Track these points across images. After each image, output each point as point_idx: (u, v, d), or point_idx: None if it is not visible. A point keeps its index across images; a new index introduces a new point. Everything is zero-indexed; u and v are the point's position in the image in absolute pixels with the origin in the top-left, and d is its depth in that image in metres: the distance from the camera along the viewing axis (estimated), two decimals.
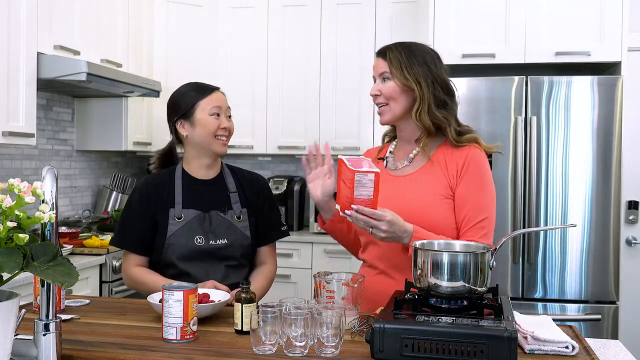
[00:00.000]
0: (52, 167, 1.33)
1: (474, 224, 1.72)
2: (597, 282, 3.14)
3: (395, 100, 1.79)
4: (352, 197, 1.56)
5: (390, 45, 1.85)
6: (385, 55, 1.82)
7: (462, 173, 1.75)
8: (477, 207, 1.73)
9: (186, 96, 2.03)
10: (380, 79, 1.82)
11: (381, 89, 1.81)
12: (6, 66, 2.78)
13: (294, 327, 1.34)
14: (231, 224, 2.02)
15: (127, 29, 3.74)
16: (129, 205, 2.05)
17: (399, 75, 1.77)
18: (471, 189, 1.74)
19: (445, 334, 1.26)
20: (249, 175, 2.16)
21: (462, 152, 1.77)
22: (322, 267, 3.80)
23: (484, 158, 1.78)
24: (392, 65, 1.79)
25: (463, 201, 1.74)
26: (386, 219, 1.59)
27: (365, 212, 1.58)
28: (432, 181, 1.77)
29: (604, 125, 3.12)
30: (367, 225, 1.60)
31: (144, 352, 1.39)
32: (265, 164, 4.62)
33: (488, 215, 1.74)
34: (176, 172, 2.06)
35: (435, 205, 1.74)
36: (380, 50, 1.87)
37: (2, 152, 3.25)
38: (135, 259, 2.02)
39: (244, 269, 2.07)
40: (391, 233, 1.61)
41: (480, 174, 1.75)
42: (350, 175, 1.55)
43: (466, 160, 1.75)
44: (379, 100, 1.82)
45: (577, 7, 3.23)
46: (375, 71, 1.84)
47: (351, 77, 4.08)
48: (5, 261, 1.13)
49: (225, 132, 2.02)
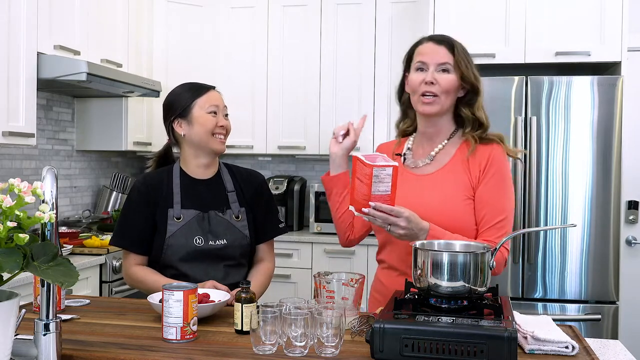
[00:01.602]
0: (52, 167, 1.33)
1: (493, 224, 1.71)
2: (597, 282, 3.14)
3: (448, 94, 1.75)
4: (369, 194, 1.53)
5: (450, 38, 1.79)
6: (451, 46, 1.75)
7: (484, 173, 1.73)
8: (497, 208, 1.72)
9: (182, 96, 2.03)
10: (438, 68, 1.74)
11: (439, 79, 1.73)
12: (6, 66, 2.78)
13: (294, 327, 1.34)
14: (230, 224, 2.02)
15: (127, 29, 3.74)
16: (128, 204, 2.05)
17: (466, 71, 1.73)
18: (492, 190, 1.73)
19: (445, 334, 1.26)
20: (246, 173, 2.16)
21: (485, 149, 1.76)
22: (322, 267, 3.80)
23: (505, 159, 1.77)
24: (460, 59, 1.73)
25: (483, 202, 1.73)
26: (404, 215, 1.56)
27: (384, 209, 1.55)
28: (455, 182, 1.74)
29: (604, 125, 3.12)
30: (385, 222, 1.57)
31: (144, 352, 1.39)
32: (265, 164, 4.62)
33: (507, 216, 1.73)
34: (174, 171, 2.06)
35: (457, 207, 1.72)
36: (438, 37, 1.80)
37: (2, 152, 3.25)
38: (135, 258, 2.02)
39: (243, 268, 2.07)
40: (409, 230, 1.58)
41: (501, 175, 1.74)
42: (367, 171, 1.51)
43: (489, 161, 1.74)
44: (432, 90, 1.73)
45: (577, 7, 3.23)
46: (432, 58, 1.74)
47: (351, 77, 4.08)
48: (5, 261, 1.13)
49: (222, 130, 2.01)
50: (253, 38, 4.23)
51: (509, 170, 1.78)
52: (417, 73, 1.76)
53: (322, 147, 4.10)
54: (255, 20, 4.22)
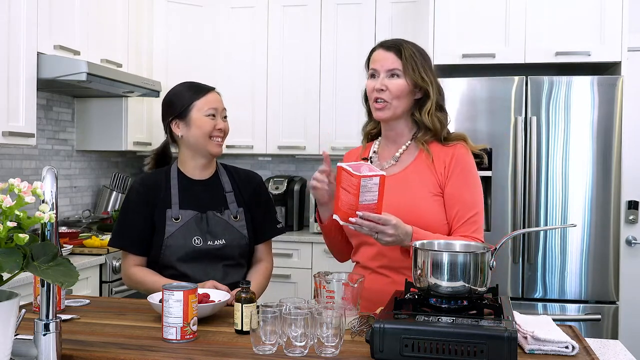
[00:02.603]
0: (52, 167, 1.33)
1: (466, 220, 1.74)
2: (597, 282, 3.14)
3: (400, 99, 1.77)
4: (356, 204, 1.53)
5: (401, 41, 1.80)
6: (399, 51, 1.77)
7: (450, 172, 1.76)
8: (467, 204, 1.75)
9: (181, 96, 2.02)
10: (388, 74, 1.76)
11: (388, 85, 1.76)
12: (6, 66, 2.78)
13: (294, 327, 1.34)
14: (228, 224, 2.02)
15: (127, 29, 3.74)
16: (126, 205, 2.05)
17: (413, 75, 1.75)
18: (461, 187, 1.76)
19: (445, 334, 1.26)
20: (244, 173, 2.16)
21: (448, 150, 1.79)
22: (322, 267, 3.79)
23: (469, 156, 1.80)
24: (407, 63, 1.75)
25: (453, 200, 1.76)
26: (392, 223, 1.58)
27: (372, 218, 1.56)
28: (421, 179, 1.77)
29: (604, 125, 3.12)
30: (372, 231, 1.58)
31: (144, 352, 1.39)
32: (265, 164, 4.62)
33: (478, 210, 1.77)
34: (171, 172, 2.06)
35: (426, 203, 1.75)
36: (388, 43, 1.81)
37: (2, 152, 3.25)
38: (133, 259, 2.02)
39: (242, 268, 2.07)
40: (396, 236, 1.60)
41: (467, 172, 1.77)
42: (355, 182, 1.51)
43: (452, 159, 1.77)
44: (383, 97, 1.77)
45: (577, 7, 3.23)
46: (382, 65, 1.77)
47: (351, 77, 4.07)
48: (5, 261, 1.13)
49: (220, 132, 2.01)
50: (253, 38, 4.23)
51: (475, 167, 1.81)
52: (370, 80, 1.82)
53: (322, 147, 4.09)
54: (255, 20, 4.22)
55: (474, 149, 1.82)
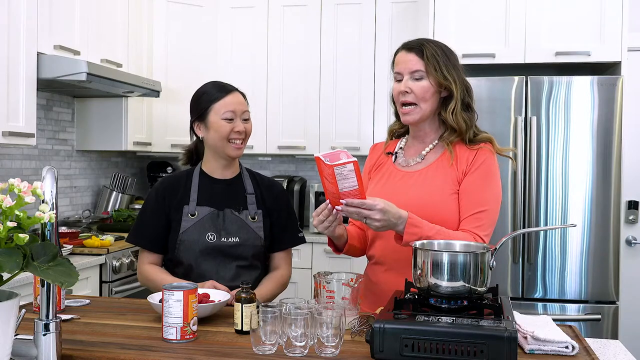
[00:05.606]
0: (52, 167, 1.33)
1: (471, 215, 1.72)
2: (597, 282, 3.14)
3: (426, 101, 1.75)
4: (337, 192, 1.55)
5: (422, 41, 1.78)
6: (420, 52, 1.75)
7: (469, 170, 1.75)
8: (476, 200, 1.73)
9: (202, 98, 2.03)
10: (411, 76, 1.74)
11: (412, 88, 1.74)
12: (6, 66, 2.78)
13: (294, 327, 1.34)
14: (244, 223, 2.02)
15: (127, 29, 3.74)
16: (145, 204, 2.09)
17: (436, 75, 1.72)
18: (475, 182, 1.74)
19: (445, 334, 1.26)
20: (268, 181, 2.17)
21: (472, 150, 1.77)
22: (322, 267, 3.80)
23: (492, 157, 1.77)
24: (430, 64, 1.73)
25: (464, 194, 1.74)
26: (377, 208, 1.56)
27: (355, 204, 1.55)
28: (442, 177, 1.76)
29: (604, 125, 3.12)
30: (360, 216, 1.58)
31: (144, 352, 1.39)
32: (265, 164, 4.62)
33: (487, 209, 1.73)
34: (194, 171, 2.08)
35: (443, 201, 1.74)
36: (410, 44, 1.79)
37: (2, 152, 3.25)
38: (148, 256, 2.05)
39: (255, 270, 2.06)
40: (385, 221, 1.58)
41: (485, 171, 1.75)
42: (329, 171, 1.53)
43: (475, 158, 1.75)
44: (408, 99, 1.75)
45: (577, 7, 3.23)
46: (405, 67, 1.75)
47: (351, 77, 4.08)
48: (5, 261, 1.13)
49: (239, 135, 2.01)
50: (253, 38, 4.23)
51: (497, 167, 1.79)
52: (396, 84, 1.79)
53: (322, 147, 4.10)
54: (255, 20, 4.22)
55: (500, 151, 1.80)
